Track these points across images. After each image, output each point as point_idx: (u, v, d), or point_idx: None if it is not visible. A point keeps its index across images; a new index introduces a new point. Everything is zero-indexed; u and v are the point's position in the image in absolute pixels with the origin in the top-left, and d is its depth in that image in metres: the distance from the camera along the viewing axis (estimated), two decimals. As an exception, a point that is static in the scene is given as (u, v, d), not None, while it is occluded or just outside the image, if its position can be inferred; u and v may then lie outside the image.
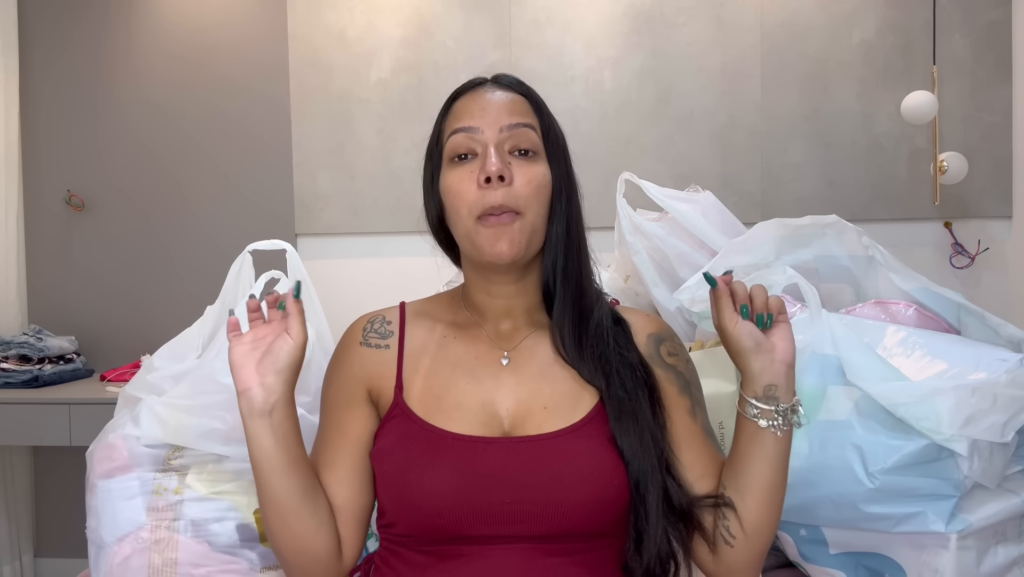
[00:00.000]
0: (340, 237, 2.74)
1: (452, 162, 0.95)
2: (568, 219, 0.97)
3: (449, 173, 0.95)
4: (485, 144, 0.93)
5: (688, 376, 1.00)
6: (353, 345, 1.01)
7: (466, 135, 0.94)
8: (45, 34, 2.82)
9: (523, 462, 0.89)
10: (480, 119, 0.94)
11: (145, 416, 1.18)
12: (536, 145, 0.95)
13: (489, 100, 0.95)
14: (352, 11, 2.68)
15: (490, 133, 0.93)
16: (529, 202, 0.93)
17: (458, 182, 0.93)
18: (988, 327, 1.22)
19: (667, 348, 1.00)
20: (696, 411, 0.97)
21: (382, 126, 2.69)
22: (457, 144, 0.94)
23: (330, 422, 0.99)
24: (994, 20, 2.43)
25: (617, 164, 2.43)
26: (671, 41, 2.57)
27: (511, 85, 0.99)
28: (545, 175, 0.95)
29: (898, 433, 1.01)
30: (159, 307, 2.77)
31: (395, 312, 1.04)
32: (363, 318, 1.04)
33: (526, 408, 0.93)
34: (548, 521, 0.88)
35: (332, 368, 1.02)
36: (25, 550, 2.82)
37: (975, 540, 1.02)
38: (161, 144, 2.79)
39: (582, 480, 0.88)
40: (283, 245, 1.35)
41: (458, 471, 0.88)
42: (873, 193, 2.49)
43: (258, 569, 1.16)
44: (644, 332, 1.01)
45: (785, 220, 1.38)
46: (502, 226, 0.92)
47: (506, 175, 0.91)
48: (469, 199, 0.92)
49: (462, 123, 0.94)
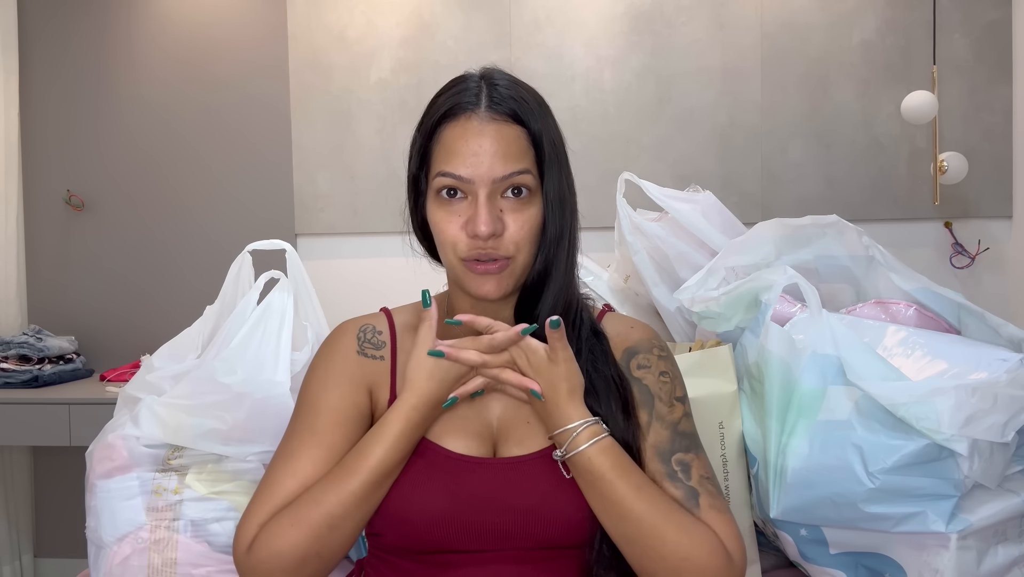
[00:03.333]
0: (340, 237, 2.74)
1: (439, 196, 0.91)
2: (561, 229, 0.94)
3: (436, 208, 0.92)
4: (476, 194, 0.89)
5: (656, 389, 0.96)
6: (350, 354, 0.99)
7: (455, 180, 0.89)
8: (45, 34, 2.82)
9: (512, 485, 0.90)
10: (472, 167, 0.88)
11: (145, 416, 1.18)
12: (531, 184, 0.91)
13: (480, 144, 0.89)
14: (352, 11, 2.68)
15: (481, 184, 0.89)
16: (520, 247, 0.91)
17: (445, 222, 0.91)
18: (988, 327, 1.22)
19: (637, 361, 0.98)
20: (652, 425, 0.94)
21: (382, 126, 2.69)
22: (445, 184, 0.90)
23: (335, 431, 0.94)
24: (994, 20, 2.42)
25: (617, 164, 2.43)
26: (671, 41, 2.57)
27: (507, 110, 0.91)
28: (537, 215, 0.92)
29: (898, 433, 1.01)
30: (159, 307, 2.77)
31: (383, 321, 1.03)
32: (351, 324, 1.02)
33: (511, 422, 0.95)
34: (534, 538, 0.89)
35: (330, 374, 0.98)
36: (25, 550, 2.82)
37: (975, 540, 1.02)
38: (161, 144, 2.79)
39: (567, 502, 0.90)
40: (283, 245, 1.35)
41: (449, 492, 0.89)
42: (873, 193, 2.49)
43: (258, 569, 1.16)
44: (623, 346, 0.99)
45: (785, 220, 1.38)
46: (490, 273, 0.90)
47: (498, 230, 0.89)
48: (456, 243, 0.90)
49: (451, 167, 0.89)
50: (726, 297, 1.25)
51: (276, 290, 1.27)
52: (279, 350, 1.21)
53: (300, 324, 1.32)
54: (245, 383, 1.17)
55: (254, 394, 1.17)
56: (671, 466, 0.92)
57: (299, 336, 1.29)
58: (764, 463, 1.12)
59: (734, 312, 1.25)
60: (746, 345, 1.21)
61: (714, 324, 1.28)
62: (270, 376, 1.18)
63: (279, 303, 1.25)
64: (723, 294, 1.26)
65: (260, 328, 1.22)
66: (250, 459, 1.17)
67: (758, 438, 1.16)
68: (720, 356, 1.22)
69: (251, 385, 1.17)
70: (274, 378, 1.18)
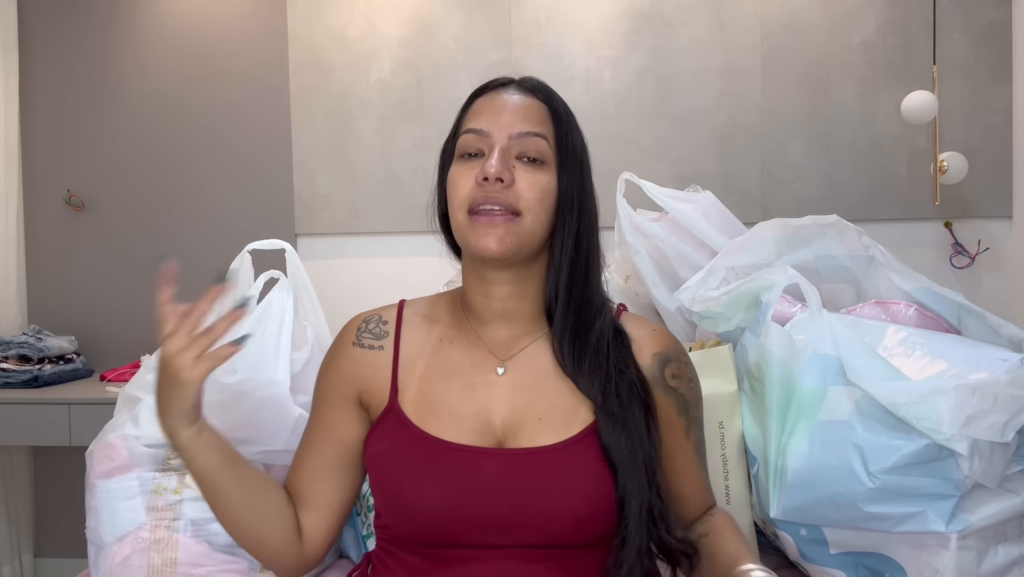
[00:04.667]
0: (340, 237, 2.74)
1: (460, 158, 0.95)
2: (579, 232, 0.95)
3: (454, 167, 0.96)
4: (492, 147, 0.93)
5: (689, 396, 1.00)
6: (346, 345, 1.01)
7: (476, 136, 0.94)
8: (45, 34, 2.82)
9: (518, 475, 0.89)
10: (492, 123, 0.94)
11: (145, 416, 1.18)
12: (545, 155, 0.94)
13: (504, 103, 0.95)
14: (352, 11, 2.68)
15: (498, 138, 0.93)
16: (530, 205, 0.92)
17: (459, 176, 0.94)
18: (988, 327, 1.22)
19: (672, 370, 0.99)
20: (691, 430, 1.00)
21: (382, 126, 2.69)
22: (467, 143, 0.94)
23: (318, 418, 1.01)
24: (994, 20, 2.42)
25: (617, 164, 2.42)
26: (671, 41, 2.57)
27: (534, 89, 0.98)
28: (550, 183, 0.93)
29: (898, 433, 1.01)
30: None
31: (392, 311, 1.04)
32: (358, 317, 1.04)
33: (520, 418, 0.93)
34: (541, 533, 0.88)
35: (325, 365, 1.03)
36: (25, 550, 2.82)
37: (975, 540, 1.02)
38: (161, 144, 2.79)
39: (575, 496, 0.88)
40: (282, 245, 1.35)
41: (453, 482, 0.89)
42: (873, 193, 2.49)
43: (258, 569, 1.16)
44: (650, 350, 0.99)
45: (785, 220, 1.38)
46: (494, 225, 0.90)
47: (506, 177, 0.91)
48: (463, 192, 0.92)
49: (474, 123, 0.95)
50: (726, 297, 1.25)
51: (276, 290, 1.28)
52: (279, 350, 1.21)
53: (300, 324, 1.32)
54: (245, 383, 1.17)
55: (254, 394, 1.17)
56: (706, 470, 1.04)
57: (299, 336, 1.29)
58: (764, 463, 1.12)
59: (734, 312, 1.25)
60: (746, 345, 1.21)
61: (714, 324, 1.28)
62: (270, 376, 1.18)
63: (279, 303, 1.25)
64: (723, 294, 1.26)
65: (260, 328, 1.22)
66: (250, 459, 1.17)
67: (758, 438, 1.16)
68: (720, 356, 1.22)
69: (251, 385, 1.17)
70: (274, 378, 1.19)
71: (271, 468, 1.20)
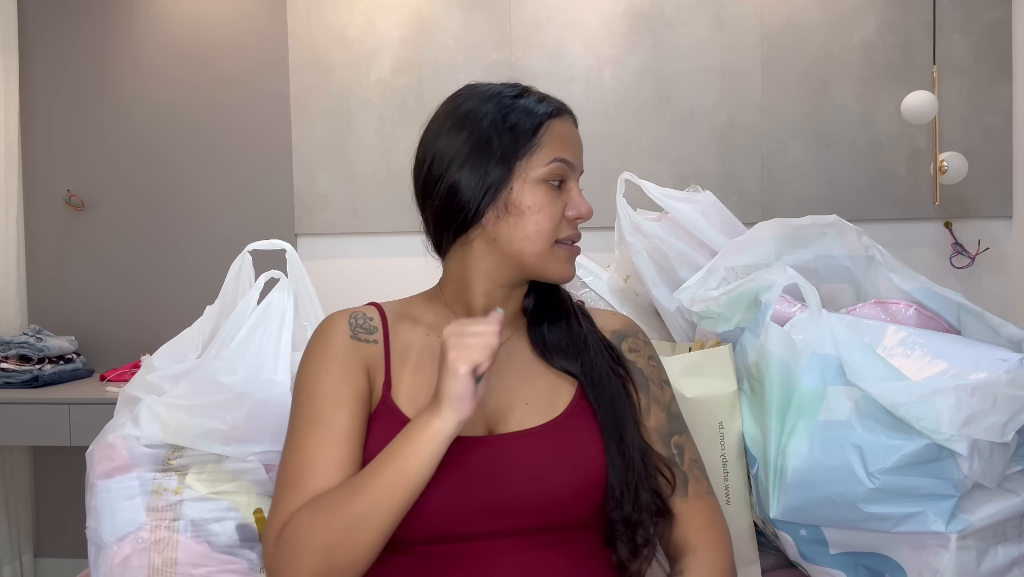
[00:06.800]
0: (340, 237, 2.74)
1: (548, 184, 0.98)
2: None
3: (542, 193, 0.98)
4: (573, 181, 1.01)
5: (648, 373, 1.03)
6: (343, 339, 0.98)
7: (567, 167, 0.99)
8: (45, 34, 2.82)
9: (509, 458, 0.91)
10: (575, 155, 1.01)
11: (145, 416, 1.18)
12: None
13: (574, 135, 1.03)
14: (352, 11, 2.68)
15: (577, 171, 1.02)
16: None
17: (550, 204, 0.98)
18: (988, 327, 1.22)
19: (628, 344, 1.05)
20: (651, 408, 1.01)
21: (382, 126, 2.69)
22: (558, 172, 0.98)
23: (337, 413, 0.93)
24: (994, 20, 2.42)
25: (617, 164, 2.43)
26: (671, 41, 2.57)
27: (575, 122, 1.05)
28: None
29: (898, 433, 1.01)
30: (159, 307, 2.77)
31: (373, 309, 1.04)
32: (341, 314, 1.02)
33: (508, 405, 0.96)
34: (536, 514, 0.90)
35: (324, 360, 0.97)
36: (25, 550, 2.82)
37: (975, 540, 1.02)
38: (161, 144, 2.79)
39: (568, 469, 0.92)
40: (283, 245, 1.35)
41: (445, 473, 0.88)
42: (873, 193, 2.49)
43: (258, 569, 1.16)
44: (608, 330, 1.06)
45: (785, 220, 1.38)
46: (573, 255, 1.01)
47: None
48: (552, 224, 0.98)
49: (567, 154, 0.99)
50: (726, 297, 1.25)
51: (276, 290, 1.28)
52: (279, 350, 1.21)
53: (300, 324, 1.33)
54: (245, 383, 1.17)
55: (254, 394, 1.17)
56: (671, 448, 1.00)
57: (299, 336, 1.29)
58: (764, 463, 1.12)
59: (734, 312, 1.25)
60: (746, 345, 1.21)
61: (714, 324, 1.28)
62: (270, 376, 1.19)
63: (279, 303, 1.25)
64: (723, 294, 1.26)
65: (260, 328, 1.22)
66: (250, 459, 1.17)
67: (758, 438, 1.16)
68: (720, 356, 1.22)
69: (251, 385, 1.17)
70: (274, 378, 1.19)
71: (271, 468, 1.20)
